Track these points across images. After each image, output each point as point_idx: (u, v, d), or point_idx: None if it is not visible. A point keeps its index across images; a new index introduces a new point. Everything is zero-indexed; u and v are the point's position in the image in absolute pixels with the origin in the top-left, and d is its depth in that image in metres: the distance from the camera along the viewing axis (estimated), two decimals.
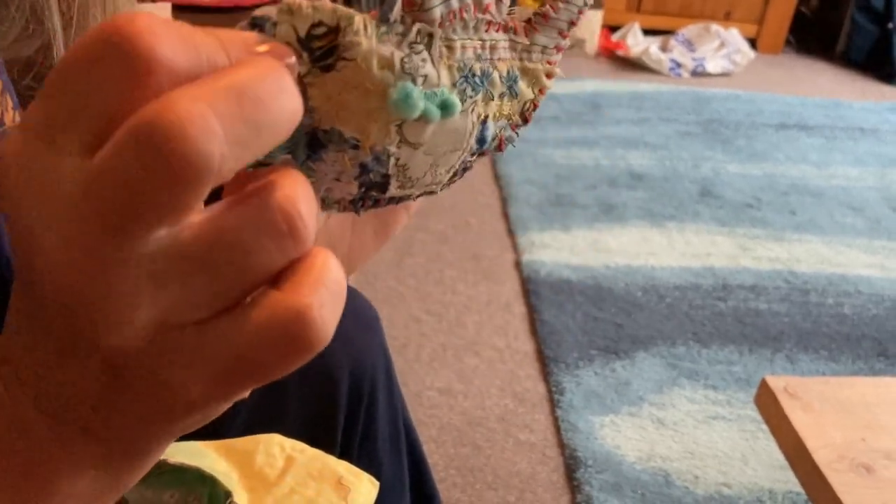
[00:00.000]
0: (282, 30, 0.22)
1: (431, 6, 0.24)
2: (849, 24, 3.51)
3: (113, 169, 0.18)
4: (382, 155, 0.25)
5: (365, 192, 0.27)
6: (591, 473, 1.33)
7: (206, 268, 0.20)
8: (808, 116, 2.93)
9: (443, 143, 0.26)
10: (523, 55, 0.28)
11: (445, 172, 0.28)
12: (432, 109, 0.24)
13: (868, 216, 2.26)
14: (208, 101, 0.18)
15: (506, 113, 0.28)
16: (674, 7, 3.54)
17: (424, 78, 0.24)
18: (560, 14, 0.29)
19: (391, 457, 0.68)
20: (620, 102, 2.91)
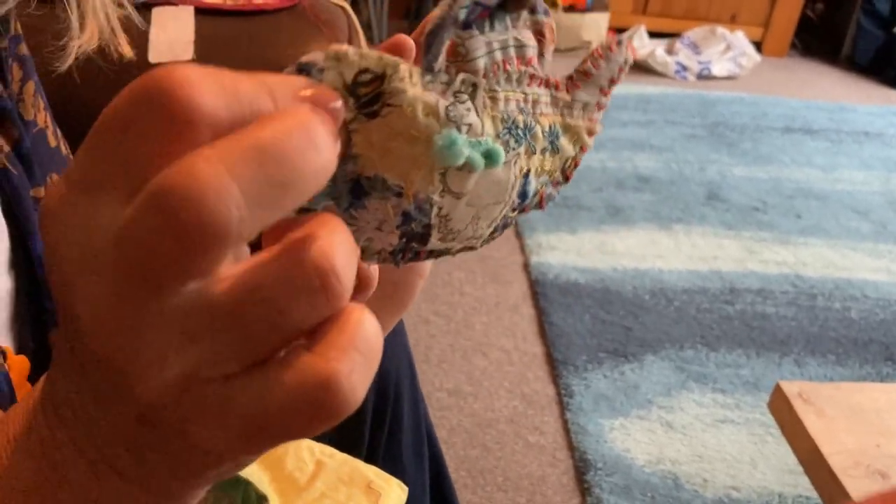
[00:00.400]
0: (328, 76, 0.22)
1: (475, 57, 0.24)
2: (854, 27, 3.52)
3: (136, 228, 0.18)
4: (425, 203, 0.25)
5: (406, 244, 0.26)
6: (601, 476, 1.33)
7: (236, 324, 0.19)
8: (814, 120, 2.93)
9: (485, 195, 0.26)
10: (564, 111, 0.28)
11: (487, 227, 0.27)
12: (476, 158, 0.24)
13: (874, 220, 2.26)
14: (227, 163, 0.17)
15: (547, 168, 0.28)
16: (679, 9, 3.55)
17: (469, 127, 0.24)
18: (601, 71, 0.28)
19: (414, 460, 0.69)
20: (626, 105, 2.91)
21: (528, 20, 0.26)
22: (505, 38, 0.25)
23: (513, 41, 0.26)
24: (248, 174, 0.18)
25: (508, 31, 0.26)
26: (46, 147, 0.54)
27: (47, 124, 0.54)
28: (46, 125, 0.54)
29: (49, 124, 0.55)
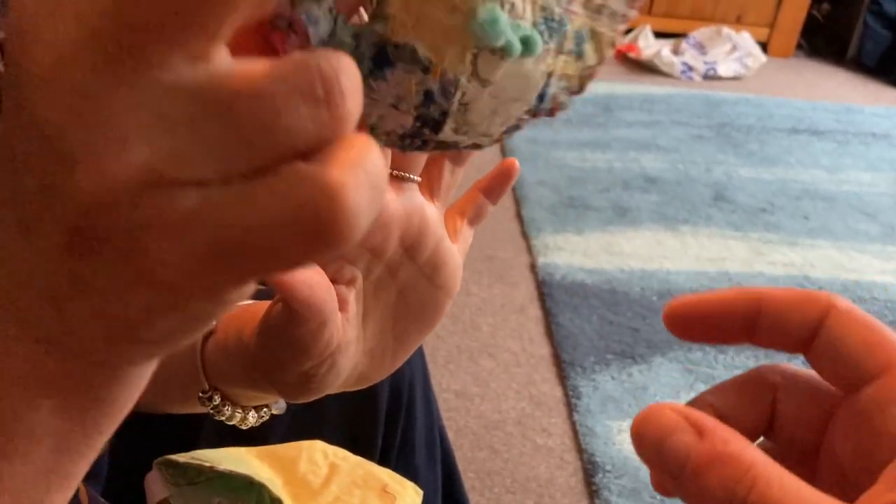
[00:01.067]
0: None
1: None
2: (861, 28, 3.51)
3: None
4: (451, 85, 0.23)
5: (418, 128, 0.24)
6: (610, 478, 1.32)
7: (225, 117, 0.16)
8: (820, 121, 2.92)
9: (510, 88, 0.24)
10: (594, 15, 0.26)
11: (500, 125, 0.26)
12: (515, 42, 0.22)
13: (881, 222, 2.25)
14: None
15: (569, 73, 0.26)
16: (685, 10, 3.54)
17: (511, 6, 0.22)
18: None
19: (427, 463, 0.68)
20: (632, 105, 2.90)
21: None
22: None
23: None
24: None
25: None
26: None
27: None
28: None
29: None
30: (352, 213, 0.17)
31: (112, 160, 0.16)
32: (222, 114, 0.16)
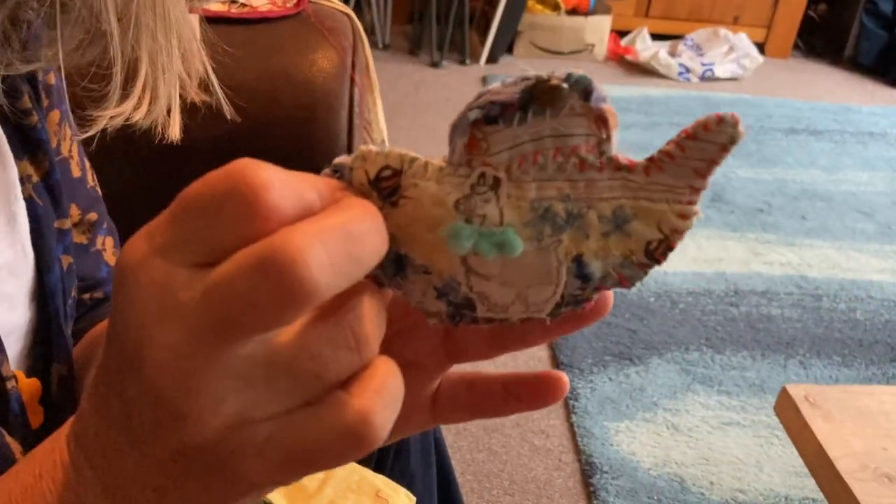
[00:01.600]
0: (356, 174, 0.26)
1: (497, 151, 0.26)
2: (857, 27, 3.51)
3: (233, 283, 0.21)
4: (453, 282, 0.27)
5: (456, 310, 0.28)
6: (608, 479, 1.33)
7: (289, 373, 0.23)
8: (817, 121, 2.93)
9: (521, 277, 0.27)
10: (640, 194, 0.27)
11: (544, 302, 0.28)
12: (485, 247, 0.26)
13: (879, 221, 2.26)
14: (321, 239, 0.22)
15: (616, 252, 0.27)
16: (682, 12, 3.55)
17: (483, 217, 0.26)
18: (690, 153, 0.26)
19: (422, 469, 0.69)
20: (630, 107, 2.91)
21: (581, 107, 0.26)
22: (539, 129, 0.26)
23: (549, 131, 0.26)
24: (335, 249, 0.22)
25: (546, 121, 0.26)
26: (69, 177, 0.54)
27: (72, 154, 0.54)
28: (71, 155, 0.54)
29: (75, 154, 0.55)
30: (378, 428, 0.23)
31: (210, 414, 0.23)
32: (286, 371, 0.23)
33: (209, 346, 0.22)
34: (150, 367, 0.23)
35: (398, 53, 3.33)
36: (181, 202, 0.23)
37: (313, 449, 0.23)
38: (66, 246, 0.49)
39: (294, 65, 0.84)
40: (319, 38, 0.87)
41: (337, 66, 0.85)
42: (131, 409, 0.24)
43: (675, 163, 0.27)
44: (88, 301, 0.56)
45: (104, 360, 0.25)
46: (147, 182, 0.84)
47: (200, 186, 0.22)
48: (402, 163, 0.26)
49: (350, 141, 0.84)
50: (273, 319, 0.21)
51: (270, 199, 0.22)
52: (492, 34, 3.20)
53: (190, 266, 0.22)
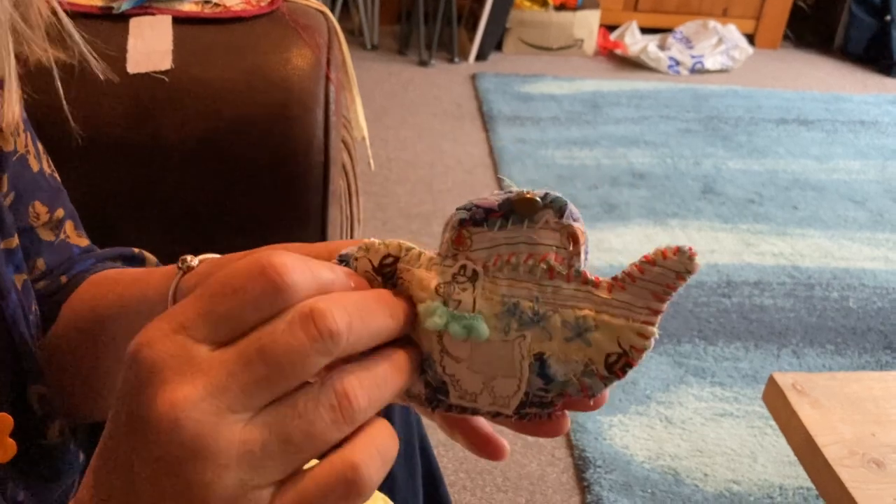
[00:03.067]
0: (361, 263, 0.30)
1: (476, 248, 0.30)
2: (846, 17, 3.51)
3: (273, 334, 0.24)
4: (429, 359, 0.30)
5: (433, 393, 0.31)
6: (601, 473, 1.33)
7: (287, 448, 0.25)
8: (808, 111, 2.93)
9: (488, 365, 0.30)
10: (602, 308, 0.29)
11: (509, 397, 0.31)
12: (455, 328, 0.29)
13: (870, 209, 2.26)
14: (342, 304, 0.25)
15: (575, 358, 0.30)
16: (671, 5, 3.54)
17: (458, 303, 0.29)
18: (650, 276, 0.29)
19: (406, 472, 0.68)
20: (620, 101, 2.91)
21: (555, 223, 0.30)
22: (515, 235, 0.30)
23: (524, 238, 0.30)
24: (353, 312, 0.25)
25: (522, 230, 0.30)
26: (30, 172, 0.53)
27: (28, 147, 0.53)
28: (27, 149, 0.53)
29: (30, 146, 0.53)
30: (367, 477, 0.25)
31: (216, 479, 0.24)
32: (285, 448, 0.24)
33: (226, 407, 0.24)
34: (160, 431, 0.24)
35: (387, 53, 3.32)
36: (207, 286, 0.25)
37: (311, 501, 0.25)
38: (17, 265, 0.47)
39: (269, 63, 0.84)
40: (294, 36, 0.86)
41: (312, 63, 0.84)
42: (135, 481, 0.25)
43: (636, 284, 0.29)
44: (64, 283, 0.55)
45: (106, 441, 0.26)
46: (122, 185, 0.84)
47: (227, 272, 0.25)
48: (399, 251, 0.30)
49: (326, 138, 0.84)
50: (305, 368, 0.24)
51: (292, 278, 0.25)
52: (480, 31, 3.19)
53: (210, 343, 0.25)
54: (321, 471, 0.25)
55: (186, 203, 0.85)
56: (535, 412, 0.31)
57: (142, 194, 0.84)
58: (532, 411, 0.31)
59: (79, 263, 0.56)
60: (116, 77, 0.57)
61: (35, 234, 0.53)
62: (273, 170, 0.84)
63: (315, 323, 0.24)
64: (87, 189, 0.81)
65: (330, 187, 0.85)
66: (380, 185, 2.24)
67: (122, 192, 0.84)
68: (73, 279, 0.54)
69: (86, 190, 0.71)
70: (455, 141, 2.57)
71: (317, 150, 0.83)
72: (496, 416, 0.31)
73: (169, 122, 0.82)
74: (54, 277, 0.54)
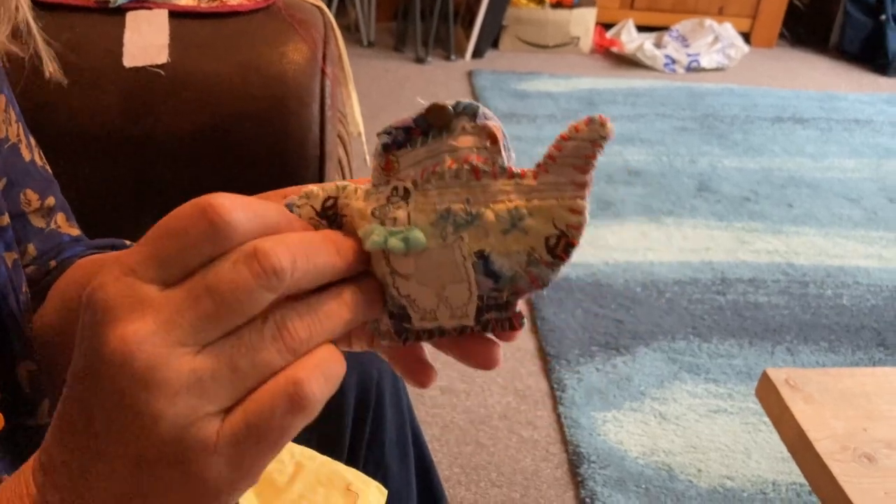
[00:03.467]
0: (304, 210, 0.31)
1: (406, 167, 0.31)
2: (842, 16, 3.52)
3: (217, 275, 0.25)
4: (384, 284, 0.31)
5: (398, 322, 0.32)
6: (595, 469, 1.33)
7: (234, 368, 0.26)
8: (803, 109, 2.93)
9: (434, 275, 0.31)
10: (531, 195, 0.30)
11: (464, 305, 0.31)
12: (394, 243, 0.30)
13: (865, 207, 2.27)
14: (286, 244, 0.26)
15: (517, 249, 0.30)
16: (667, 3, 3.55)
17: (394, 220, 0.30)
18: (568, 152, 0.30)
19: (398, 462, 0.69)
20: (616, 99, 2.91)
21: (471, 127, 0.31)
22: (436, 147, 0.31)
23: (446, 148, 0.31)
24: (298, 252, 0.26)
25: (443, 141, 0.31)
26: (21, 161, 0.53)
27: (20, 137, 0.53)
28: (19, 138, 0.53)
29: (22, 136, 0.54)
30: (311, 394, 0.26)
31: (167, 407, 0.25)
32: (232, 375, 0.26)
33: (175, 340, 0.25)
34: (112, 365, 0.24)
35: (383, 50, 3.32)
36: (152, 231, 0.26)
37: (258, 424, 0.25)
38: (8, 243, 0.48)
39: (265, 58, 0.84)
40: (290, 30, 0.86)
41: (308, 58, 0.84)
42: (93, 418, 0.25)
43: (556, 163, 0.30)
44: (53, 268, 0.55)
45: (68, 387, 0.27)
46: (117, 179, 0.84)
47: (170, 216, 0.26)
48: (336, 191, 0.31)
49: (322, 133, 0.84)
50: (251, 304, 0.25)
51: (232, 217, 0.25)
52: (477, 29, 3.19)
53: (159, 283, 0.25)
54: (264, 389, 0.26)
55: (182, 197, 0.85)
56: (494, 317, 0.32)
57: (137, 188, 0.84)
58: (492, 316, 0.32)
59: (68, 249, 0.56)
60: (65, 80, 0.57)
61: (27, 219, 0.53)
62: (268, 164, 0.84)
63: (259, 261, 0.25)
64: (82, 182, 0.81)
65: (325, 181, 0.85)
66: None
67: (117, 185, 0.84)
68: (62, 263, 0.55)
69: (81, 183, 0.71)
70: None
71: (312, 145, 0.83)
72: (462, 332, 0.32)
73: (165, 117, 0.82)
74: (43, 262, 0.54)
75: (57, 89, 0.84)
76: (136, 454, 0.25)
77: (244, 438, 0.25)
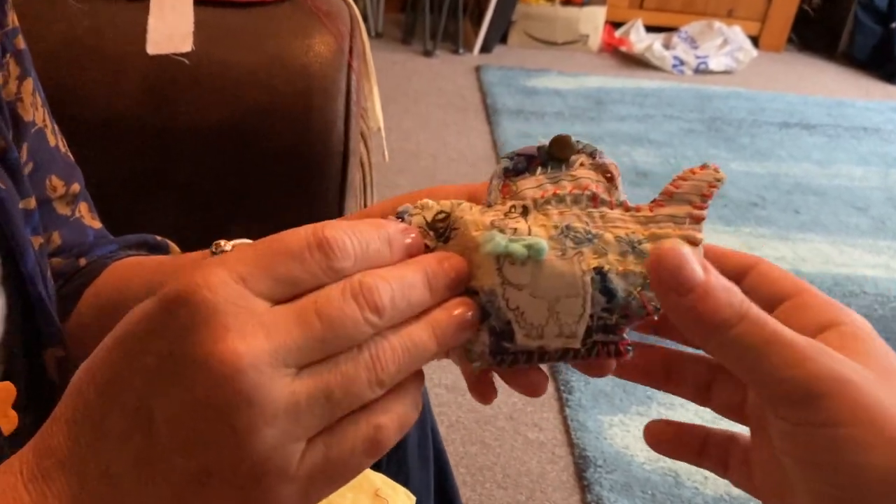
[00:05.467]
0: (416, 219, 0.32)
1: (523, 189, 0.32)
2: (852, 22, 3.51)
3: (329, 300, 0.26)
4: (492, 295, 0.30)
5: (497, 342, 0.31)
6: (601, 473, 1.32)
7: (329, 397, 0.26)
8: (811, 115, 2.92)
9: (550, 287, 0.30)
10: (649, 225, 0.31)
11: (575, 323, 0.31)
12: (516, 248, 0.30)
13: (872, 216, 2.26)
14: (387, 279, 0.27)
15: (634, 270, 0.31)
16: (676, 4, 3.53)
17: (514, 230, 0.30)
18: (685, 189, 0.32)
19: (419, 463, 0.68)
20: (624, 99, 2.90)
21: (589, 164, 0.32)
22: (556, 175, 0.32)
23: (566, 177, 0.32)
24: (397, 290, 0.27)
25: (562, 171, 0.32)
26: (47, 146, 0.52)
27: (46, 122, 0.52)
28: (45, 123, 0.52)
29: (48, 121, 0.53)
30: (387, 440, 0.27)
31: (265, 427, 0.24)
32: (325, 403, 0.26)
33: (281, 361, 0.24)
34: (215, 375, 0.24)
35: (391, 42, 3.30)
36: (265, 246, 0.26)
37: (336, 461, 0.26)
38: (34, 227, 0.47)
39: (290, 50, 0.82)
40: (316, 22, 0.84)
41: (334, 51, 0.83)
42: (152, 420, 0.24)
43: (674, 199, 0.32)
44: (83, 266, 0.54)
45: (104, 381, 0.26)
46: (136, 168, 0.82)
47: (285, 236, 0.26)
48: (451, 206, 0.32)
49: (347, 129, 0.82)
50: (355, 334, 0.26)
51: (347, 253, 0.27)
52: (485, 23, 3.17)
53: (268, 299, 0.25)
54: (349, 430, 0.26)
55: (201, 189, 0.84)
56: (602, 340, 0.31)
57: (157, 178, 0.82)
58: (599, 339, 0.31)
59: (98, 248, 0.55)
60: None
61: (52, 206, 0.52)
62: (291, 159, 0.82)
63: (364, 296, 0.26)
64: (101, 171, 0.80)
65: (348, 178, 0.83)
66: (382, 174, 2.22)
67: (136, 174, 0.82)
68: (94, 263, 0.53)
69: (100, 172, 0.70)
70: (458, 133, 2.55)
71: (336, 140, 0.82)
72: (564, 357, 0.31)
73: (186, 107, 0.81)
74: (71, 257, 0.53)
75: (76, 74, 0.82)
76: (203, 467, 0.24)
77: (320, 472, 0.26)
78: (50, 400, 0.47)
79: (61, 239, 0.53)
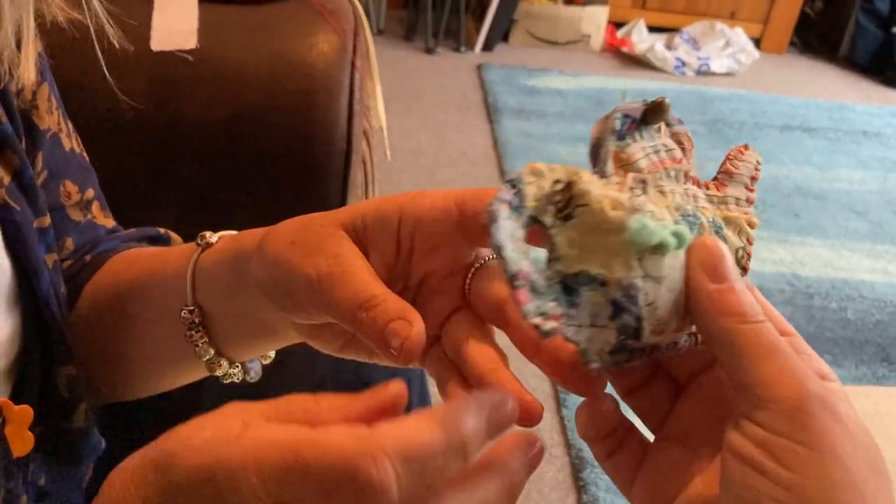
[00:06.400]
0: (531, 189, 0.28)
1: (637, 159, 0.29)
2: (853, 26, 3.51)
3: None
4: (631, 290, 0.27)
5: (622, 341, 0.28)
6: (598, 474, 1.33)
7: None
8: (812, 118, 2.93)
9: (679, 278, 0.29)
10: (721, 206, 0.31)
11: (683, 317, 0.30)
12: (668, 238, 0.27)
13: (871, 220, 2.26)
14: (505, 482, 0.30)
15: None
16: (679, 5, 3.53)
17: (651, 213, 0.28)
18: (741, 170, 0.32)
19: None
20: (626, 100, 2.89)
21: (667, 131, 0.31)
22: (655, 143, 0.30)
23: (662, 146, 0.30)
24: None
25: (655, 139, 0.30)
26: (61, 151, 0.52)
27: (60, 126, 0.52)
28: (60, 127, 0.52)
29: (62, 124, 0.52)
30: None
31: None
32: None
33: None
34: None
35: (392, 39, 3.30)
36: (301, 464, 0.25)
37: None
38: (49, 244, 0.46)
39: (294, 48, 0.82)
40: (319, 20, 0.85)
41: (338, 49, 0.83)
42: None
43: (734, 179, 0.32)
44: (88, 262, 0.54)
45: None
46: (138, 164, 0.82)
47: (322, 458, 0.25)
48: (569, 174, 0.28)
49: (350, 127, 0.82)
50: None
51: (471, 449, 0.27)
52: (487, 22, 3.17)
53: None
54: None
55: (203, 185, 0.84)
56: (693, 331, 0.31)
57: (159, 175, 0.82)
58: (687, 341, 0.31)
59: (103, 244, 0.55)
60: (132, 46, 0.55)
61: (65, 213, 0.52)
62: (294, 157, 0.82)
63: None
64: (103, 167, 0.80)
65: (350, 177, 0.83)
66: (383, 172, 2.22)
67: (139, 171, 0.82)
68: (96, 259, 0.53)
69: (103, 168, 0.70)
70: (459, 131, 2.55)
71: (339, 139, 0.82)
72: (668, 350, 0.30)
73: (190, 103, 0.81)
74: (79, 257, 0.53)
75: (79, 70, 0.82)
76: None
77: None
78: (61, 416, 0.47)
79: (74, 244, 0.53)
